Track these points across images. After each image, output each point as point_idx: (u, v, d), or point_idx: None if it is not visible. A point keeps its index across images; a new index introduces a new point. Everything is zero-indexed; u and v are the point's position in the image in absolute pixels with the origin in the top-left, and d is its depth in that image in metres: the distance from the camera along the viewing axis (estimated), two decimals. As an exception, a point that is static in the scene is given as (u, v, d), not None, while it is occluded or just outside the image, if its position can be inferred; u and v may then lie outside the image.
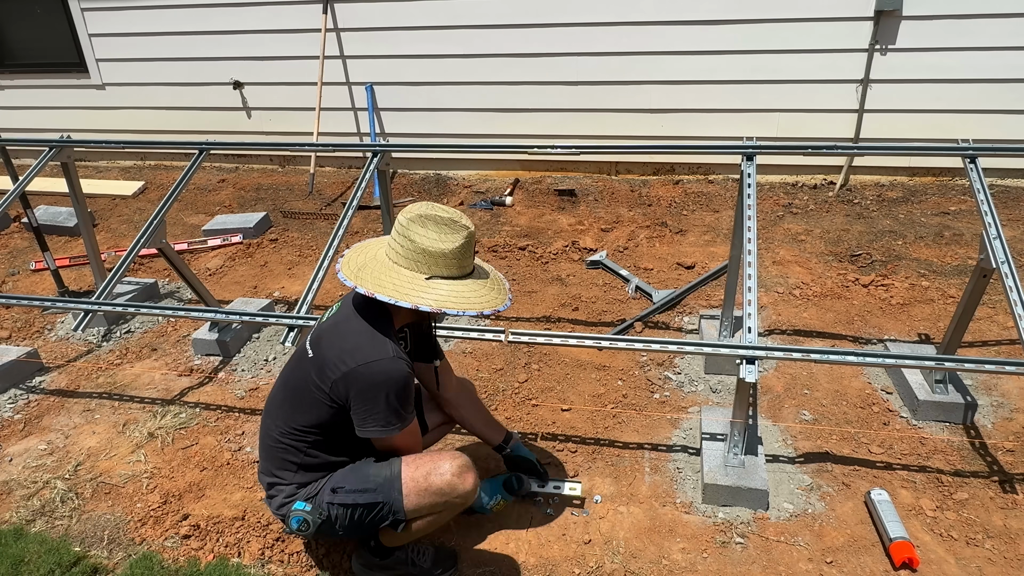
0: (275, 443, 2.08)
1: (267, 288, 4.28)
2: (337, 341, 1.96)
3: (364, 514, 2.03)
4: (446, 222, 1.88)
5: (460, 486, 2.01)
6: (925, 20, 4.64)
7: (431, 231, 1.88)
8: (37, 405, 3.26)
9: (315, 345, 2.02)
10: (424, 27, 5.39)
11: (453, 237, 1.89)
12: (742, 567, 2.24)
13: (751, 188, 2.71)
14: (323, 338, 2.01)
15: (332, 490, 2.04)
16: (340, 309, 2.06)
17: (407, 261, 1.91)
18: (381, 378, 1.88)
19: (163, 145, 3.77)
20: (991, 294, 3.49)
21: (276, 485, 2.11)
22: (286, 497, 2.08)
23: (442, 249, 1.88)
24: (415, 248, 1.89)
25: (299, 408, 2.03)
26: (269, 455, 2.12)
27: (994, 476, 2.56)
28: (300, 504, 2.04)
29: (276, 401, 2.12)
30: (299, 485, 2.08)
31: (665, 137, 5.33)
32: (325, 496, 2.05)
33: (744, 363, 2.28)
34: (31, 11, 6.20)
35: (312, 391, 1.98)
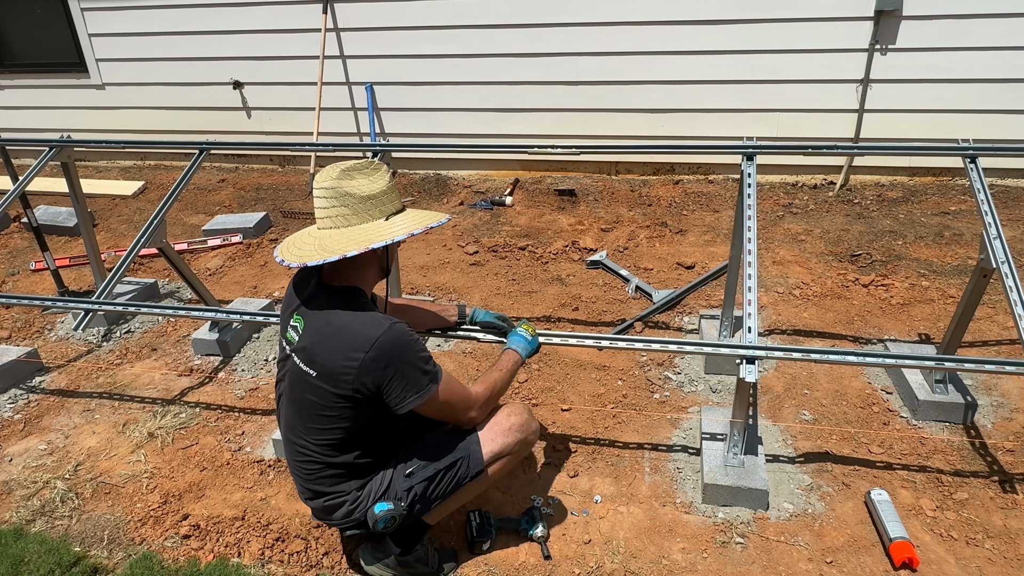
0: (319, 467, 2.03)
1: (267, 288, 4.28)
2: (333, 346, 1.91)
3: (445, 476, 2.08)
4: (364, 166, 1.94)
5: (532, 423, 2.24)
6: (925, 20, 4.64)
7: (361, 179, 1.92)
8: (37, 405, 3.26)
9: (311, 363, 1.94)
10: (424, 27, 5.39)
11: (380, 174, 1.96)
12: (742, 567, 2.24)
13: (751, 188, 2.71)
14: (315, 352, 1.94)
15: (406, 475, 2.05)
16: (308, 322, 1.98)
17: (359, 216, 1.92)
18: (394, 349, 1.88)
19: (163, 145, 3.77)
20: (991, 294, 3.49)
21: (335, 499, 2.06)
22: (352, 505, 2.05)
23: (381, 188, 1.94)
24: (359, 199, 1.91)
25: (330, 425, 1.97)
26: (314, 480, 2.06)
27: (994, 476, 2.56)
28: (381, 506, 2.00)
29: (296, 429, 2.05)
30: (359, 488, 2.05)
31: (665, 137, 5.33)
32: (400, 484, 2.04)
33: (744, 363, 2.28)
34: (31, 11, 6.20)
35: (336, 404, 1.93)
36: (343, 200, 1.90)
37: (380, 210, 1.94)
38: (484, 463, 2.12)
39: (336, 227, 1.93)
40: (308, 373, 1.95)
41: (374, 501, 2.02)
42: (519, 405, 2.26)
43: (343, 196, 1.90)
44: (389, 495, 2.03)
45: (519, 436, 2.18)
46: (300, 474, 2.09)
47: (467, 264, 4.40)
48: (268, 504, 2.58)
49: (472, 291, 4.07)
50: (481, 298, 3.99)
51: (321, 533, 2.43)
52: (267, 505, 2.57)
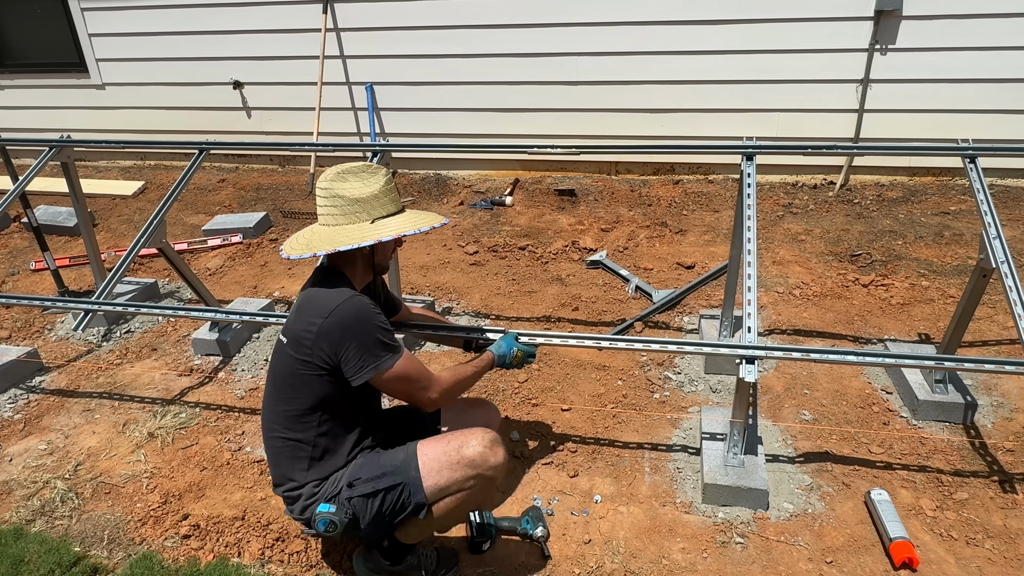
0: (282, 443, 2.05)
1: (267, 288, 4.28)
2: (300, 314, 2.00)
3: (384, 501, 1.97)
4: (362, 170, 2.02)
5: (492, 458, 1.99)
6: (925, 20, 4.64)
7: (353, 182, 2.00)
8: (37, 405, 3.26)
9: (286, 332, 2.05)
10: (424, 27, 5.39)
11: (375, 178, 2.02)
12: (742, 567, 2.24)
13: (751, 188, 2.71)
14: (289, 322, 2.05)
15: (349, 484, 2.00)
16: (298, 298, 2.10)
17: (347, 217, 2.00)
18: (350, 317, 1.93)
19: (163, 145, 3.78)
20: (991, 294, 3.49)
21: (294, 489, 2.06)
22: (307, 500, 2.03)
23: (372, 192, 2.00)
24: (348, 201, 1.98)
25: (293, 395, 2.01)
26: (279, 459, 2.08)
27: (994, 476, 2.56)
28: (324, 506, 1.98)
29: (269, 403, 2.10)
30: (316, 483, 2.03)
31: (665, 137, 5.33)
32: (344, 492, 2.00)
33: (744, 363, 2.28)
34: (31, 11, 6.20)
35: (299, 371, 1.98)
36: (334, 201, 2.00)
37: (368, 213, 2.00)
38: (427, 498, 1.98)
39: (326, 225, 2.03)
40: (282, 341, 2.05)
41: (324, 500, 2.01)
42: (479, 434, 2.02)
43: (334, 197, 2.00)
44: (338, 500, 2.00)
45: (471, 472, 1.97)
46: (269, 453, 2.11)
47: (467, 264, 4.40)
48: (268, 504, 2.58)
49: (472, 291, 4.07)
50: (481, 298, 3.99)
51: (321, 533, 2.43)
52: (267, 505, 2.57)
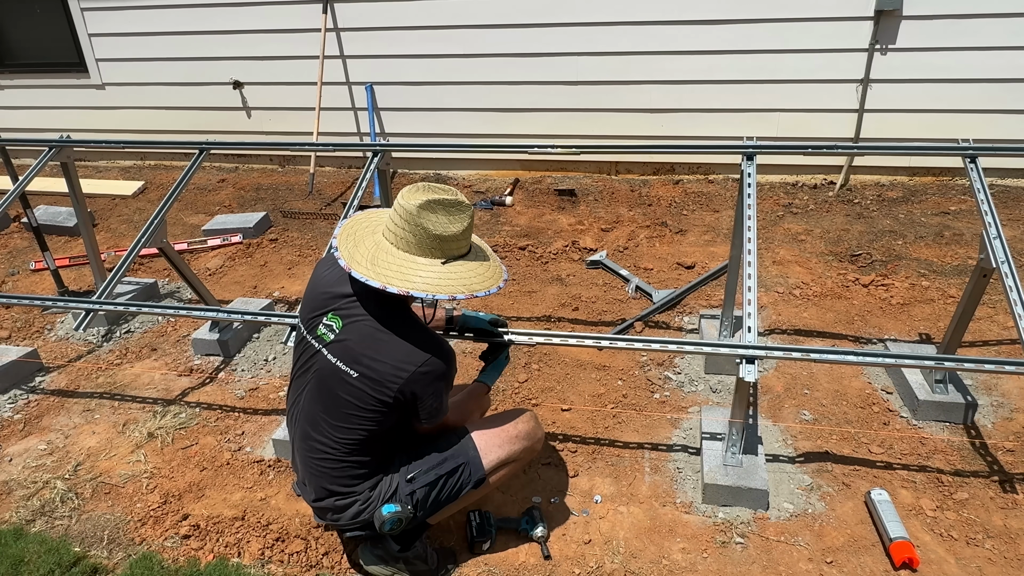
0: (340, 465, 2.06)
1: (267, 288, 4.28)
2: (385, 353, 1.93)
3: (446, 484, 2.11)
4: (453, 204, 1.91)
5: (539, 431, 2.29)
6: (925, 20, 4.64)
7: (441, 216, 1.90)
8: (37, 405, 3.26)
9: (353, 363, 1.95)
10: (424, 27, 5.39)
11: (461, 218, 1.93)
12: (742, 567, 2.24)
13: (751, 188, 2.71)
14: (361, 354, 1.94)
15: (408, 480, 2.09)
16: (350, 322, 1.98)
17: (420, 249, 1.92)
18: (443, 369, 1.99)
19: (163, 145, 3.78)
20: (991, 294, 3.49)
21: (346, 499, 2.09)
22: (362, 505, 2.09)
23: (454, 232, 1.92)
24: (428, 235, 1.90)
25: (358, 424, 2.00)
26: (330, 479, 2.08)
27: (994, 476, 2.56)
28: (389, 507, 2.03)
29: (316, 424, 2.05)
30: (369, 489, 2.09)
31: (665, 137, 5.33)
32: (403, 488, 2.08)
33: (744, 363, 2.28)
34: (31, 11, 6.20)
35: (372, 406, 1.96)
36: (414, 230, 1.90)
37: (443, 252, 1.93)
38: (486, 470, 2.16)
39: (395, 246, 1.94)
40: (347, 372, 1.96)
41: (382, 502, 2.06)
42: (526, 413, 2.29)
43: (417, 226, 1.89)
44: (396, 498, 2.07)
45: (525, 444, 2.23)
46: (313, 471, 2.10)
47: (467, 264, 4.40)
48: (268, 504, 2.58)
49: (472, 291, 4.07)
50: (481, 298, 3.99)
51: (321, 533, 2.43)
52: (267, 505, 2.57)
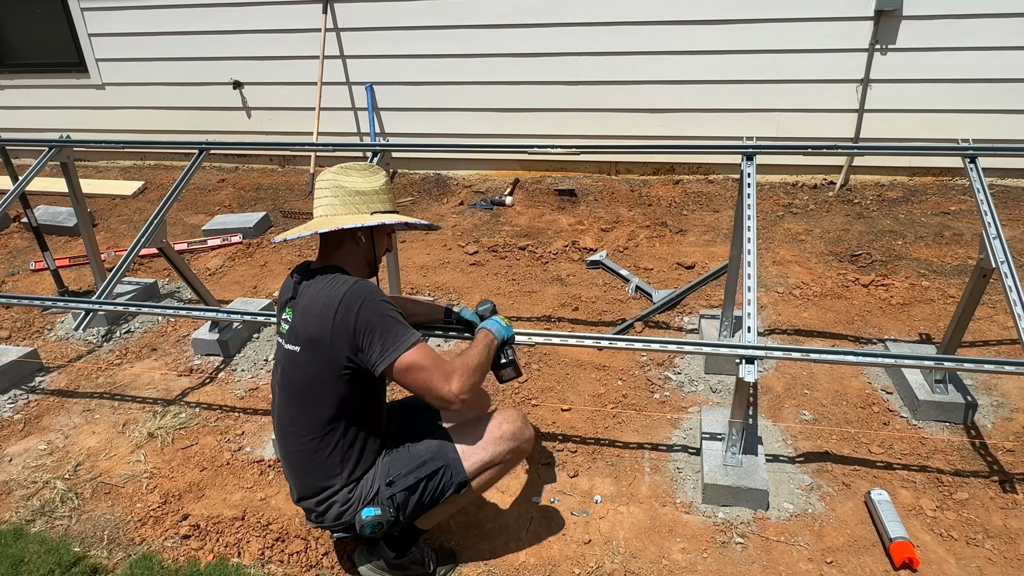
0: (309, 454, 2.02)
1: (267, 288, 4.28)
2: (309, 315, 1.96)
3: (427, 488, 2.05)
4: (366, 167, 2.10)
5: (527, 431, 2.17)
6: (925, 20, 4.64)
7: (355, 176, 2.06)
8: (37, 405, 3.26)
9: (295, 340, 2.00)
10: (424, 27, 5.39)
11: (376, 176, 2.09)
12: (742, 567, 2.24)
13: (751, 188, 2.71)
14: (297, 327, 2.00)
15: (387, 484, 2.03)
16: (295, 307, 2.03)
17: (346, 207, 2.03)
18: (361, 298, 1.91)
19: (163, 145, 3.77)
20: (991, 294, 3.49)
21: (326, 497, 2.05)
22: (342, 506, 2.04)
23: (373, 186, 2.06)
24: (349, 191, 2.03)
25: (317, 403, 1.99)
26: (306, 470, 2.05)
27: (994, 476, 2.56)
28: (368, 511, 1.99)
29: (287, 416, 2.06)
30: (349, 488, 2.04)
31: (665, 137, 5.33)
32: (383, 492, 2.02)
33: (744, 363, 2.28)
34: (31, 11, 6.20)
35: (319, 376, 1.96)
36: (335, 191, 2.04)
37: (368, 206, 2.05)
38: (468, 474, 2.07)
39: (324, 215, 2.05)
40: (293, 351, 2.00)
41: (363, 505, 2.02)
42: (512, 411, 2.19)
43: (336, 188, 2.04)
44: (377, 500, 2.02)
45: (511, 445, 2.12)
46: (293, 467, 2.08)
47: (467, 264, 4.40)
48: (268, 504, 2.58)
49: (472, 291, 4.07)
50: (481, 298, 3.99)
51: (321, 533, 2.43)
52: (267, 505, 2.57)
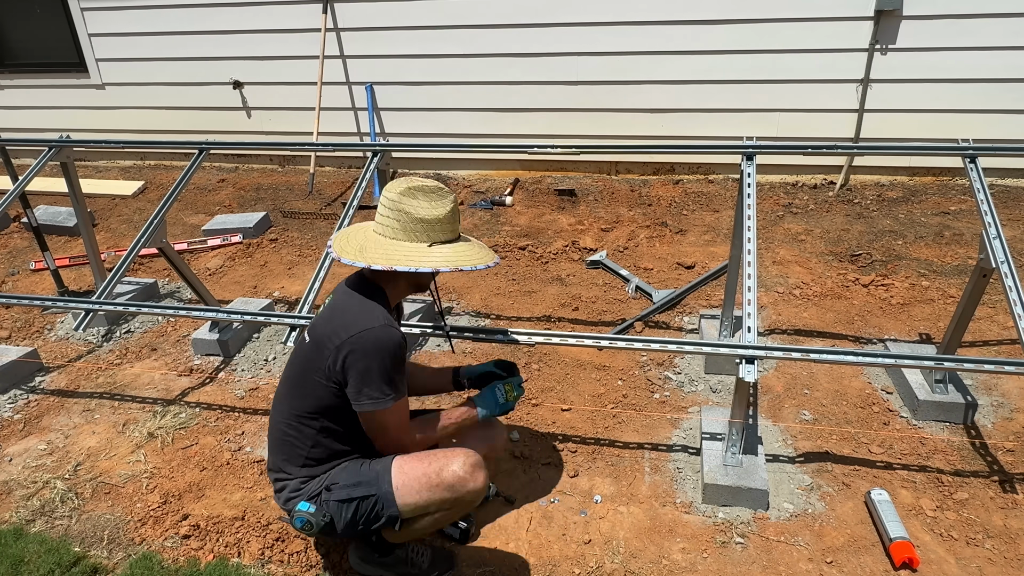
0: (283, 435, 2.09)
1: (267, 288, 4.28)
2: (330, 320, 2.02)
3: (359, 509, 1.99)
4: (433, 191, 2.01)
5: (471, 483, 1.99)
6: (925, 20, 4.64)
7: (422, 201, 1.98)
8: (37, 405, 3.26)
9: (311, 330, 2.07)
10: (424, 27, 5.39)
11: (443, 203, 2.01)
12: (742, 567, 2.24)
13: (751, 188, 2.71)
14: (318, 323, 2.07)
15: (327, 488, 2.03)
16: (333, 297, 2.13)
17: (405, 234, 1.99)
18: (373, 345, 1.92)
19: (163, 145, 3.77)
20: (991, 294, 3.49)
21: (283, 480, 2.10)
22: (291, 492, 2.07)
23: (436, 216, 1.99)
24: (411, 219, 1.98)
25: (302, 395, 2.04)
26: (277, 448, 2.12)
27: (994, 476, 2.56)
28: (304, 505, 2.01)
29: (280, 395, 2.14)
30: (304, 479, 2.07)
31: (665, 137, 5.33)
32: (323, 495, 2.03)
33: (744, 363, 2.28)
34: (31, 11, 6.20)
35: (312, 374, 2.00)
36: (398, 215, 1.99)
37: (428, 235, 1.99)
38: (401, 512, 1.99)
39: (383, 235, 2.02)
40: (305, 339, 2.10)
41: (306, 498, 2.03)
42: (462, 456, 2.01)
43: (399, 211, 1.98)
44: (318, 501, 2.02)
45: (447, 495, 1.98)
46: (270, 440, 2.15)
47: (467, 264, 4.40)
48: (268, 504, 2.58)
49: (472, 291, 4.07)
50: (481, 298, 3.99)
51: (321, 533, 2.43)
52: (267, 505, 2.57)
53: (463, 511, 2.10)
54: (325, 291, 4.08)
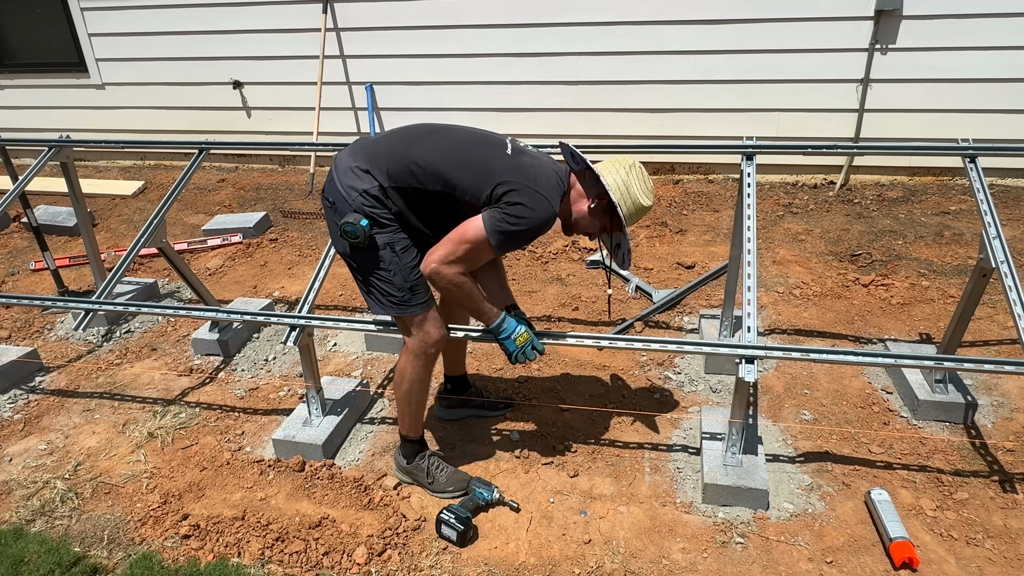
0: (403, 166, 2.21)
1: (267, 288, 4.28)
2: (522, 156, 2.24)
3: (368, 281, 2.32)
4: (650, 187, 2.31)
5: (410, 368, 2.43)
6: (925, 20, 4.64)
7: (637, 183, 2.26)
8: (37, 405, 3.26)
9: (497, 137, 2.33)
10: (424, 27, 5.39)
11: (645, 200, 2.29)
12: (742, 567, 2.24)
13: (751, 188, 2.71)
14: (514, 147, 2.29)
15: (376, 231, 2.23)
16: (536, 151, 2.36)
17: (614, 183, 2.24)
18: (533, 211, 2.14)
19: (163, 145, 3.78)
20: (991, 294, 3.49)
21: (366, 177, 2.22)
22: (358, 195, 2.21)
23: (637, 200, 2.27)
24: (624, 182, 2.25)
25: (452, 166, 2.20)
26: (383, 165, 2.23)
27: (994, 476, 2.56)
28: (365, 221, 2.19)
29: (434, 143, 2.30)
30: (375, 199, 2.21)
31: (665, 137, 5.33)
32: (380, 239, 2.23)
33: (744, 363, 2.28)
34: (31, 11, 6.20)
35: (478, 163, 2.20)
36: (634, 171, 2.28)
37: (623, 198, 2.25)
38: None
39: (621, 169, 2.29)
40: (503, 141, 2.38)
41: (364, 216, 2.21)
42: (418, 342, 2.38)
43: (634, 175, 2.27)
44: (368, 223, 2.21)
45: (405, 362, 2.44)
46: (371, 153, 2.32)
47: (467, 264, 4.40)
48: (268, 504, 2.58)
49: (472, 291, 4.07)
50: (481, 298, 3.99)
51: (321, 534, 2.43)
52: (267, 505, 2.57)
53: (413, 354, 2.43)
54: (325, 291, 4.08)
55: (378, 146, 2.30)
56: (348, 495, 2.59)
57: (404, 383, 2.46)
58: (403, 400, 2.50)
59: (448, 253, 2.18)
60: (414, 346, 2.39)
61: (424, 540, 2.40)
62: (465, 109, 5.63)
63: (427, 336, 2.38)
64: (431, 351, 2.40)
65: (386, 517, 2.48)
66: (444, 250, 2.18)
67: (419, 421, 2.57)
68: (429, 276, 2.23)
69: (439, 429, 2.94)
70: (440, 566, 2.30)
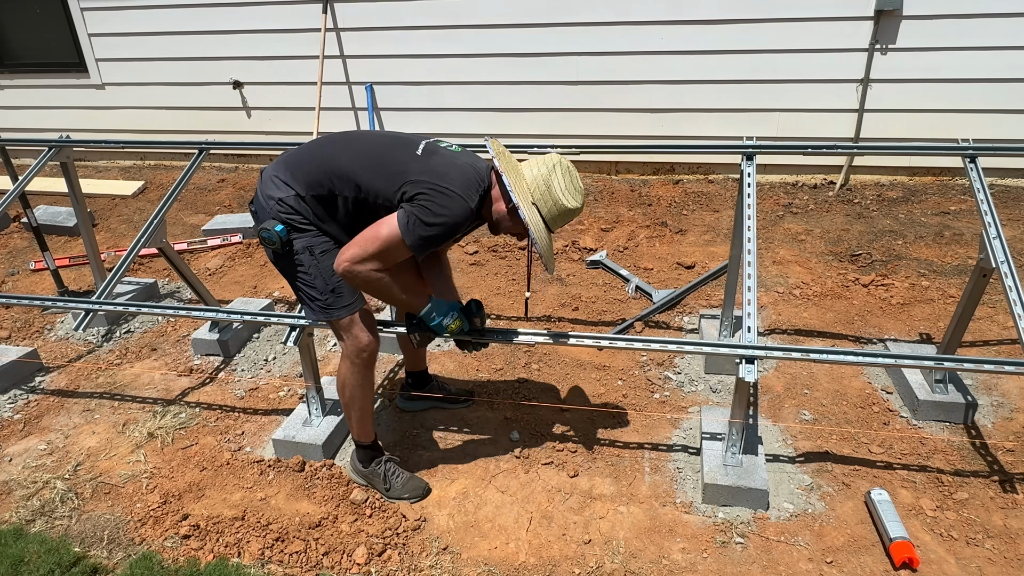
0: (317, 174, 2.24)
1: (267, 288, 4.28)
2: (433, 157, 2.20)
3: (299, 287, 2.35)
4: (578, 188, 2.22)
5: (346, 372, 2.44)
6: (925, 20, 4.64)
7: (564, 181, 2.18)
8: (37, 405, 3.26)
9: (416, 137, 2.29)
10: (424, 27, 5.39)
11: (575, 199, 2.20)
12: (742, 567, 2.24)
13: (751, 188, 2.71)
14: (428, 145, 2.25)
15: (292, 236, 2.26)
16: (456, 148, 2.31)
17: (532, 181, 2.18)
18: (446, 208, 2.10)
19: (163, 145, 3.77)
20: (991, 294, 3.49)
21: (283, 186, 2.26)
22: (276, 200, 2.25)
23: (559, 201, 2.17)
24: (544, 181, 2.17)
25: (367, 167, 2.20)
26: (296, 167, 2.28)
27: (994, 476, 2.56)
28: (280, 227, 2.24)
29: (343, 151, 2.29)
30: (291, 208, 2.24)
31: (665, 137, 5.33)
32: (298, 243, 2.27)
33: (744, 363, 2.28)
34: (31, 11, 6.20)
35: (389, 165, 2.18)
36: (545, 168, 2.19)
37: (543, 199, 2.17)
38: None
39: (525, 168, 2.23)
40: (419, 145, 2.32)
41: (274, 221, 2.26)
42: (351, 352, 2.39)
43: (548, 168, 2.19)
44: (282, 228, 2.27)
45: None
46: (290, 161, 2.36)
47: (467, 264, 4.40)
48: (268, 504, 2.58)
49: (472, 291, 4.07)
50: (481, 298, 3.99)
51: (321, 534, 2.43)
52: (267, 505, 2.57)
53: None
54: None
55: (298, 156, 2.33)
56: (348, 495, 2.59)
57: (346, 390, 2.45)
58: (347, 407, 2.51)
59: (361, 251, 2.17)
60: (347, 351, 2.40)
61: (424, 540, 2.40)
62: (465, 109, 5.63)
63: (357, 341, 2.37)
64: (364, 355, 2.38)
65: (386, 517, 2.48)
66: (357, 248, 2.17)
67: (367, 426, 2.55)
68: (342, 274, 2.21)
69: (439, 428, 2.94)
70: (440, 566, 2.30)
